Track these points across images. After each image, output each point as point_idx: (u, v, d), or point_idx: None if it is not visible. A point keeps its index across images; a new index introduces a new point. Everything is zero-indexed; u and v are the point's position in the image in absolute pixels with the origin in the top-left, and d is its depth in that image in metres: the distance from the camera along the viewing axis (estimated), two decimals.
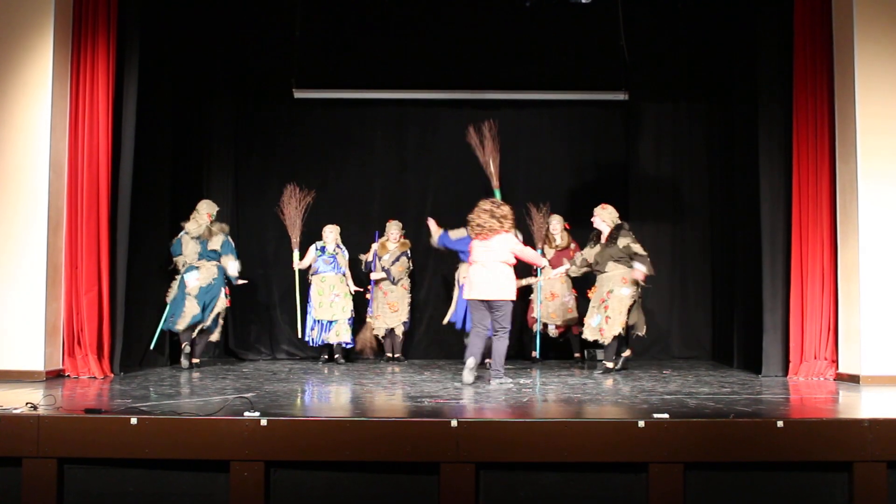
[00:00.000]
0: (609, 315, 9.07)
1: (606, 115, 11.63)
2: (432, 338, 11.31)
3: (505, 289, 7.97)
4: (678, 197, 11.65)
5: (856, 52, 8.45)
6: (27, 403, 5.95)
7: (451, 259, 10.39)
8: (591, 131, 11.76)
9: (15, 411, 5.74)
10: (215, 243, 9.87)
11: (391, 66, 11.33)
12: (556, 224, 10.62)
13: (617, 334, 9.10)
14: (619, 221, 9.35)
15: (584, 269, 9.50)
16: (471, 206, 10.74)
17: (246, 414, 5.61)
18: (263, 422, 5.48)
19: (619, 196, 11.57)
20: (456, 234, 9.44)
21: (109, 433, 5.55)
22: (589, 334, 9.30)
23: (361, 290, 10.67)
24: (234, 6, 10.96)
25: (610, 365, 9.21)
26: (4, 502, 5.56)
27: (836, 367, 8.65)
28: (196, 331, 9.68)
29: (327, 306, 10.42)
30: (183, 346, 9.65)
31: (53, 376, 8.43)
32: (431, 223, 9.60)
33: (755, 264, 9.33)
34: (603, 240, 9.30)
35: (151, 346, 9.74)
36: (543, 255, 10.12)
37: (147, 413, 5.78)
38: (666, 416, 5.62)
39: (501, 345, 8.02)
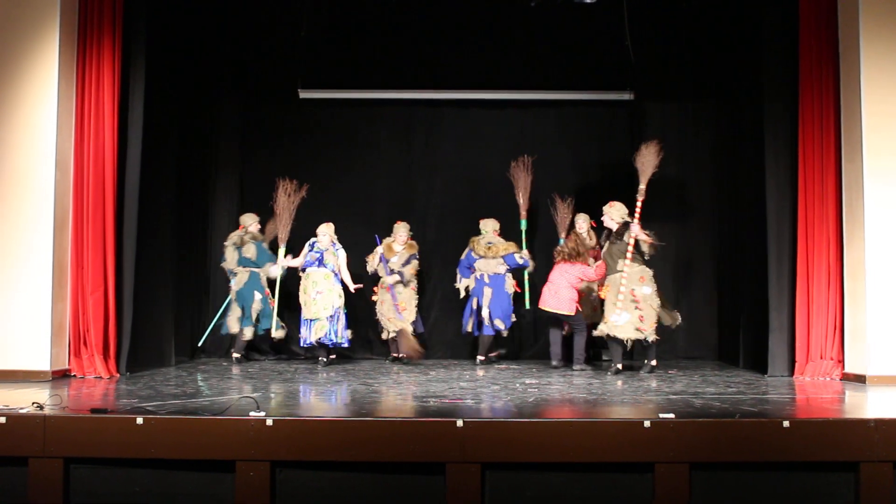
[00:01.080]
0: (643, 314, 9.11)
1: (612, 115, 11.60)
2: (437, 339, 11.30)
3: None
4: (683, 196, 11.61)
5: (861, 50, 8.43)
6: (33, 403, 5.97)
7: (455, 260, 10.44)
8: (597, 131, 11.73)
9: (21, 411, 5.76)
10: (248, 251, 10.63)
11: (397, 66, 11.33)
12: (583, 223, 10.44)
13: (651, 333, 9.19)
14: (628, 219, 9.37)
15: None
16: (474, 207, 10.77)
17: (252, 414, 5.61)
18: (269, 422, 5.48)
19: (625, 196, 11.55)
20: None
21: (115, 433, 5.56)
22: (620, 332, 9.14)
23: (360, 286, 10.55)
24: (240, 7, 10.96)
25: (654, 363, 9.37)
26: (11, 502, 5.57)
27: (843, 367, 8.63)
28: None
29: (311, 304, 10.22)
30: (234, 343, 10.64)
31: (59, 376, 8.45)
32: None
33: (761, 264, 9.31)
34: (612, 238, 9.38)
35: (199, 344, 10.98)
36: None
37: (153, 413, 5.79)
38: (672, 415, 5.61)
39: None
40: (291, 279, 10.73)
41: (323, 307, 10.11)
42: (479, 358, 10.28)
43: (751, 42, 9.76)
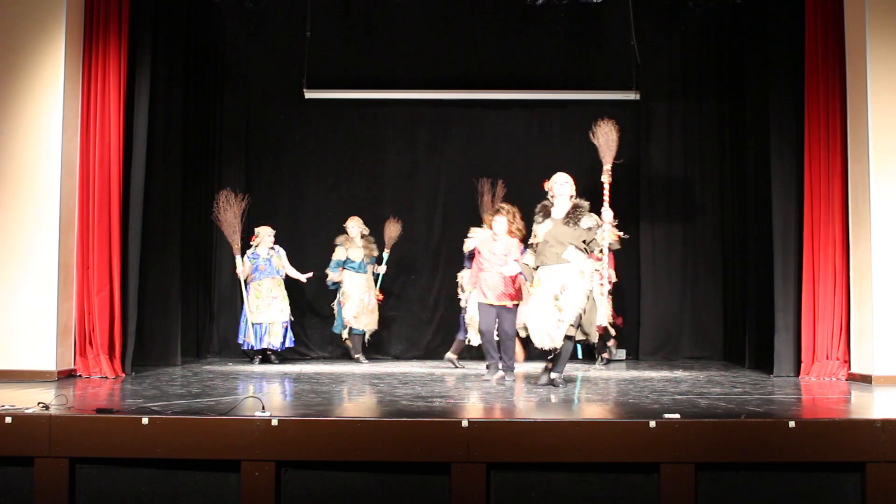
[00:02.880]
0: (562, 318, 7.50)
1: (618, 114, 11.51)
2: (442, 338, 11.30)
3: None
4: (689, 196, 11.61)
5: (868, 50, 8.41)
6: (39, 403, 5.97)
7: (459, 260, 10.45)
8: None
9: (27, 411, 5.76)
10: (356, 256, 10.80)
11: (401, 67, 11.34)
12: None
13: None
14: (582, 202, 7.91)
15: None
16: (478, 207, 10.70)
17: (257, 414, 5.62)
18: (274, 422, 5.48)
19: (631, 196, 11.56)
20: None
21: (121, 433, 5.57)
22: (548, 341, 7.64)
23: (310, 273, 10.79)
24: (245, 7, 10.96)
25: (555, 376, 7.78)
26: (16, 502, 5.58)
27: (849, 368, 8.61)
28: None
29: (265, 309, 10.42)
30: None
31: (65, 376, 8.46)
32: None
33: (767, 264, 9.31)
34: (561, 216, 7.79)
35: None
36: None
37: (158, 413, 5.79)
38: (677, 416, 5.60)
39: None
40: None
41: (279, 311, 10.46)
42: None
43: (756, 41, 9.75)
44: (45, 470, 5.55)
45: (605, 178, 8.81)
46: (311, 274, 10.74)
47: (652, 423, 5.48)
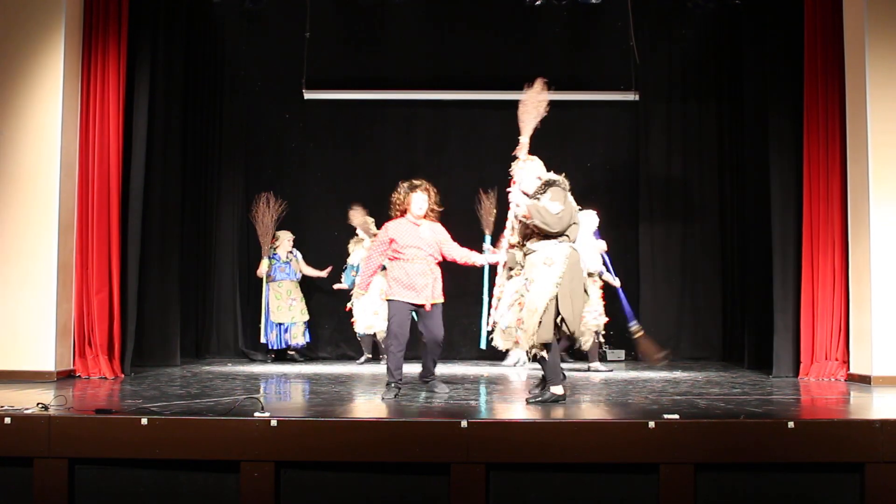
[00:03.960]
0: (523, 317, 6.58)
1: (617, 115, 11.61)
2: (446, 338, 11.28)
3: None
4: (689, 197, 11.62)
5: (867, 50, 8.40)
6: (38, 404, 5.97)
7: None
8: (602, 132, 11.74)
9: (26, 412, 5.76)
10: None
11: (401, 67, 11.34)
12: None
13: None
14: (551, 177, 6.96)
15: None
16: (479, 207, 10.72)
17: (256, 414, 5.62)
18: (273, 422, 5.48)
19: (630, 196, 11.58)
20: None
21: (120, 433, 5.56)
22: (500, 339, 7.16)
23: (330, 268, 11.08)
24: (245, 7, 10.97)
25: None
26: (16, 502, 5.58)
27: (847, 368, 8.61)
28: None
29: (285, 310, 10.84)
30: None
31: (64, 377, 8.46)
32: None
33: (766, 264, 9.30)
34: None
35: None
36: None
37: (158, 413, 5.79)
38: (676, 416, 5.60)
39: None
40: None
41: (300, 312, 10.95)
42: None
43: (755, 41, 9.74)
44: (45, 470, 5.55)
45: (521, 153, 7.28)
46: (330, 268, 11.02)
47: (651, 424, 5.48)
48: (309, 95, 10.99)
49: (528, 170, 7.01)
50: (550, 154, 11.29)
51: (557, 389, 6.61)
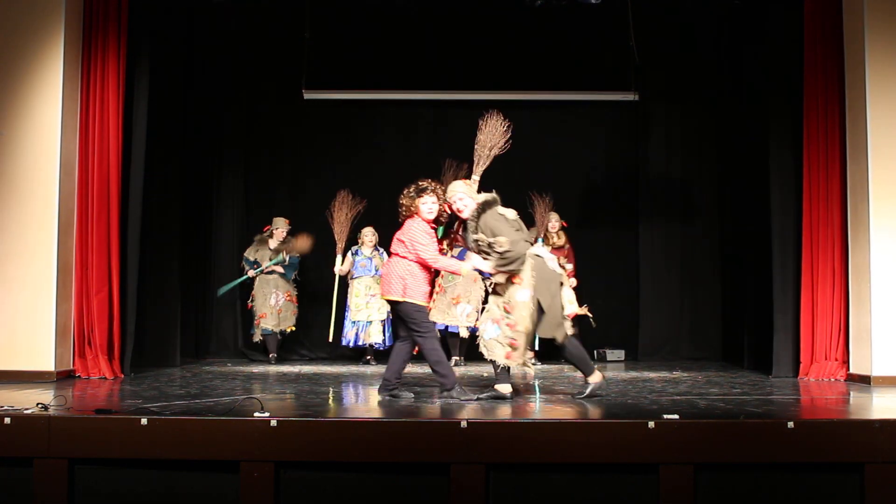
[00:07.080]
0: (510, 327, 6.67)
1: (616, 115, 11.61)
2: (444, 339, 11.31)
3: None
4: (688, 197, 11.63)
5: (866, 50, 8.41)
6: (38, 404, 5.97)
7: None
8: (601, 132, 11.75)
9: (26, 412, 5.76)
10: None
11: (401, 67, 11.34)
12: (555, 222, 10.55)
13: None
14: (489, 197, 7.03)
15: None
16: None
17: (256, 414, 5.61)
18: (273, 422, 5.48)
19: (630, 197, 11.58)
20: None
21: (120, 433, 5.56)
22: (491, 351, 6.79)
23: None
24: (244, 7, 10.98)
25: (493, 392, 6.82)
26: (16, 503, 5.58)
27: (847, 368, 8.62)
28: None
29: (363, 307, 10.60)
30: None
31: (64, 377, 8.46)
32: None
33: (765, 264, 9.31)
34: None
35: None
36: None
37: (157, 413, 5.79)
38: (676, 416, 5.60)
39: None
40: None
41: (377, 310, 10.58)
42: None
43: (755, 42, 9.75)
44: (45, 471, 5.54)
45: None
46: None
47: (651, 424, 5.48)
48: (309, 95, 10.99)
49: (466, 201, 7.13)
50: (550, 154, 11.43)
51: (594, 378, 6.94)
